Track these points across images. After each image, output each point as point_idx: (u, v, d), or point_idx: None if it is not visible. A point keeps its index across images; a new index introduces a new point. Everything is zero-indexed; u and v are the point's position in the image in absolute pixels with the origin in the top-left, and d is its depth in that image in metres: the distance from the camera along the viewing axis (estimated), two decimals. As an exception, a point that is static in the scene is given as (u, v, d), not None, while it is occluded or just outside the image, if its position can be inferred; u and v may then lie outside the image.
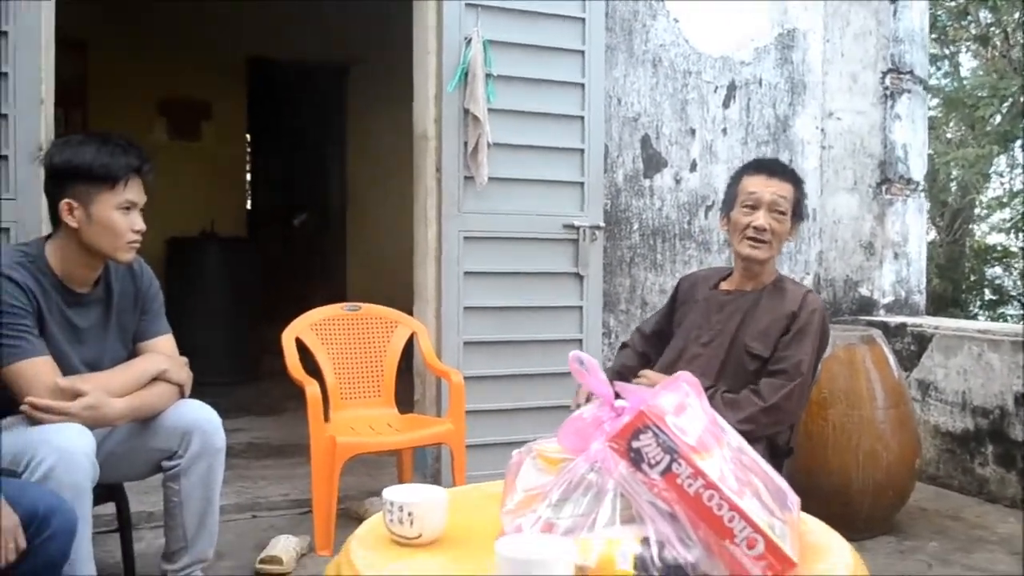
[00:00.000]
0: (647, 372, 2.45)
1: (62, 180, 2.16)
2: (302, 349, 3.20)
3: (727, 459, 1.22)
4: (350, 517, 3.27)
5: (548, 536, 1.17)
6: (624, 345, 2.77)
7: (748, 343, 2.36)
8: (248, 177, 7.70)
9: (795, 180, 2.44)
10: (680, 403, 1.22)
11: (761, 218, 2.36)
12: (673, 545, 1.14)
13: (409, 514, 1.33)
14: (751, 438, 1.37)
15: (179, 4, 6.19)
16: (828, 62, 4.39)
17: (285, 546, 2.88)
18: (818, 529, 1.52)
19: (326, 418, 3.07)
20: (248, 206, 7.64)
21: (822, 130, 4.40)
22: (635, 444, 1.15)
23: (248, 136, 7.48)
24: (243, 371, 5.80)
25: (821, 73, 4.37)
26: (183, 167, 6.11)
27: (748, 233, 2.38)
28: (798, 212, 2.43)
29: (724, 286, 2.53)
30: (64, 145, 2.19)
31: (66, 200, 2.15)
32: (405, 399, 3.53)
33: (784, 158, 4.26)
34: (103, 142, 2.17)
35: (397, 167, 6.36)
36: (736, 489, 1.16)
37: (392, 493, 1.35)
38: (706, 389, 1.52)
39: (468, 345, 3.49)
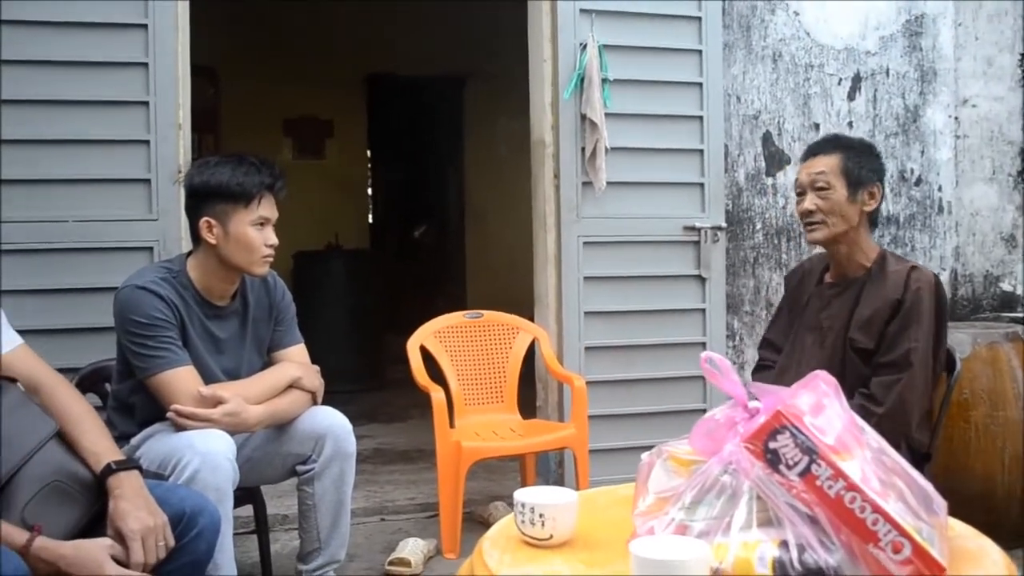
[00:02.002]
0: None
1: (201, 200, 2.27)
2: (426, 356, 3.26)
3: (868, 460, 1.17)
4: (475, 521, 3.32)
5: (683, 538, 1.15)
6: (763, 367, 2.54)
7: (852, 336, 2.22)
8: (369, 190, 7.92)
9: (839, 147, 2.30)
10: (817, 402, 1.18)
11: (805, 202, 2.30)
12: (813, 548, 1.10)
13: (540, 515, 1.33)
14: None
15: (300, 27, 6.45)
16: (960, 47, 4.18)
17: (413, 548, 2.94)
18: (967, 534, 1.44)
19: (451, 424, 3.12)
20: (370, 219, 7.85)
21: (956, 119, 4.19)
22: (772, 445, 1.12)
23: (368, 151, 7.69)
24: (367, 379, 5.95)
25: (953, 59, 4.16)
26: (309, 184, 6.34)
27: (804, 221, 2.33)
28: (856, 178, 2.26)
29: (828, 278, 2.40)
30: (202, 167, 2.30)
31: (205, 218, 2.26)
32: (526, 405, 3.54)
33: (915, 150, 4.09)
34: (238, 162, 2.27)
35: (514, 175, 6.43)
36: (879, 491, 1.12)
37: (523, 495, 1.36)
38: None
39: (589, 350, 3.48)
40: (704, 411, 3.56)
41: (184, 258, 2.36)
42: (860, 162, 2.28)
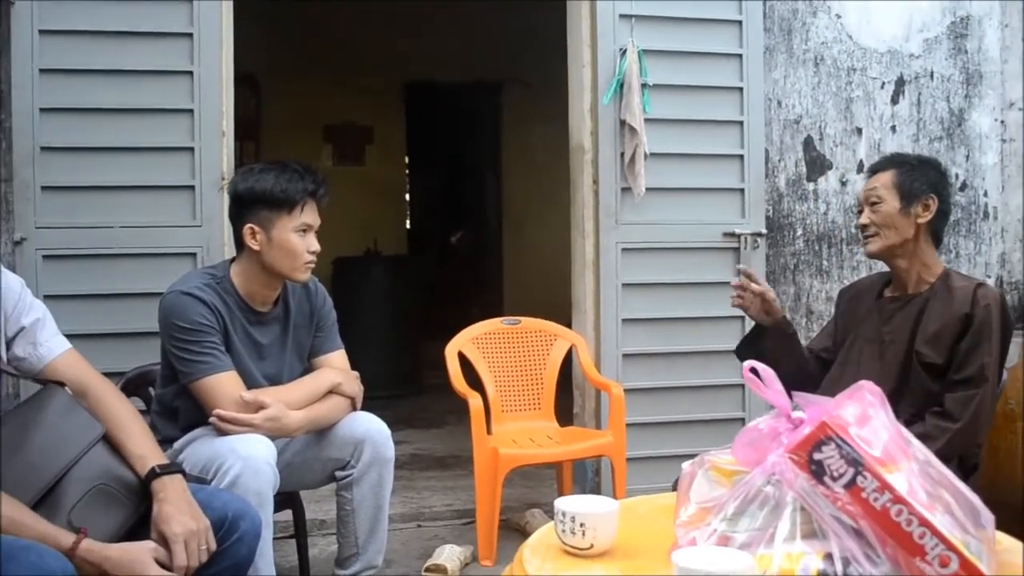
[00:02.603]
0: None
1: (245, 206, 2.30)
2: (464, 363, 3.27)
3: (915, 472, 1.15)
4: (511, 528, 3.32)
5: (725, 549, 1.14)
6: None
7: (919, 349, 2.23)
8: (407, 196, 7.97)
9: (895, 164, 2.35)
10: (863, 413, 1.17)
11: (861, 216, 2.36)
12: (859, 561, 1.08)
13: (581, 525, 1.33)
14: (943, 459, 1.30)
15: (340, 35, 6.52)
16: (1007, 49, 4.10)
17: (450, 555, 2.94)
18: (1015, 548, 1.41)
19: (488, 430, 3.12)
20: (407, 224, 7.90)
21: (1002, 122, 4.11)
22: (817, 456, 1.11)
23: (406, 157, 7.74)
24: (404, 385, 5.97)
25: (1000, 61, 4.09)
26: (348, 190, 6.38)
27: (862, 235, 2.39)
28: (907, 191, 2.28)
29: (888, 293, 2.41)
30: (247, 174, 2.33)
31: (249, 225, 2.29)
32: (563, 412, 3.54)
33: (960, 155, 4.02)
34: (282, 169, 2.30)
35: (551, 181, 6.43)
36: (926, 503, 1.10)
37: (564, 503, 1.35)
38: None
39: (627, 357, 3.46)
40: (743, 420, 3.53)
41: (228, 264, 2.39)
42: (913, 175, 2.31)
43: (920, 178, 2.31)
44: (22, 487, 1.67)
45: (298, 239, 2.30)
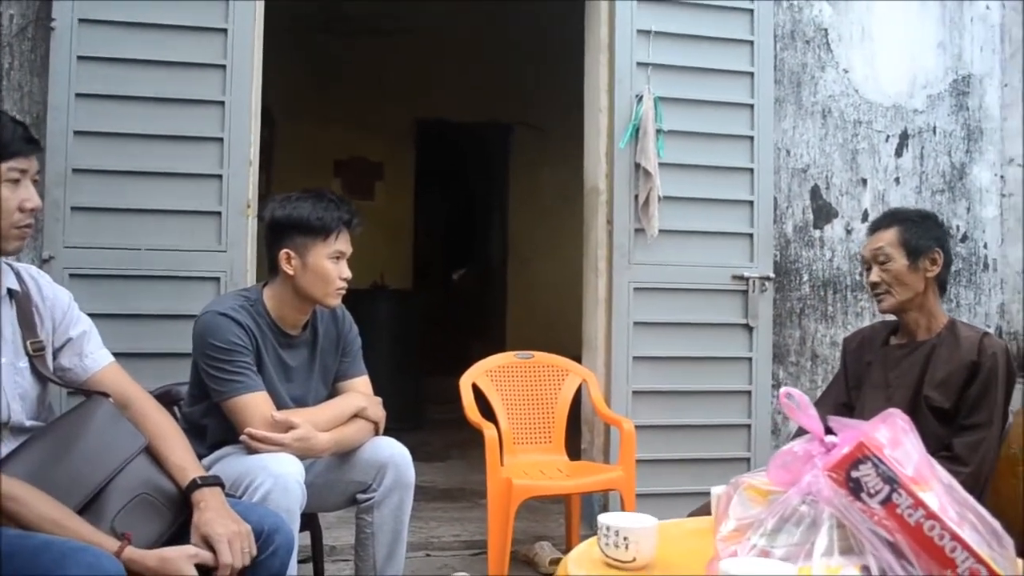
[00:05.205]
0: None
1: (281, 232, 2.37)
2: (476, 395, 3.32)
3: (943, 492, 1.23)
4: (519, 560, 3.35)
5: (768, 560, 1.21)
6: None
7: (927, 394, 2.32)
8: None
9: (897, 221, 2.44)
10: (895, 436, 1.24)
11: (871, 275, 2.44)
12: (895, 573, 1.15)
13: (624, 538, 1.39)
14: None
15: (353, 72, 6.66)
16: (1007, 107, 4.25)
17: (463, 583, 2.98)
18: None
19: (500, 462, 3.17)
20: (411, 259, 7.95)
21: (1001, 177, 4.24)
22: (854, 474, 1.18)
23: (414, 193, 7.82)
24: (408, 418, 5.94)
25: (999, 119, 4.23)
26: (357, 224, 6.45)
27: (872, 293, 2.48)
28: (913, 247, 2.38)
29: (895, 340, 2.50)
30: (284, 201, 2.41)
31: (284, 250, 2.36)
32: (570, 447, 3.58)
33: (961, 207, 4.14)
34: (318, 198, 2.38)
35: (556, 222, 6.55)
36: (956, 520, 1.17)
37: (608, 518, 1.42)
38: None
39: (636, 394, 3.53)
40: (748, 459, 3.60)
41: (260, 288, 2.46)
42: (917, 232, 2.41)
43: (924, 234, 2.41)
44: (68, 493, 1.72)
45: (331, 265, 2.37)
